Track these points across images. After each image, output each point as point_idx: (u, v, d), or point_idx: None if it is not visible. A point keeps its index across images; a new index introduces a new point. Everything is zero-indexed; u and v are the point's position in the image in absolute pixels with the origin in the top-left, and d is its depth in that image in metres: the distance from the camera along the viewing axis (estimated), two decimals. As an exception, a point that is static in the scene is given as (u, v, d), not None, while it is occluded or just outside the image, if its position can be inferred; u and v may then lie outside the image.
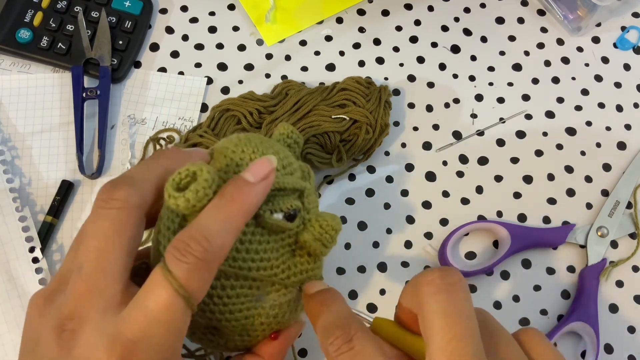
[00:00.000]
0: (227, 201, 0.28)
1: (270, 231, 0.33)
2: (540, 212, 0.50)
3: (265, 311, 0.33)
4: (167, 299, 0.26)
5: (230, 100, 0.49)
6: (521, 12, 0.57)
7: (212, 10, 0.55)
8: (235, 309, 0.32)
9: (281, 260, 0.33)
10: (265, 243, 0.33)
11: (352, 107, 0.48)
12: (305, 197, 0.34)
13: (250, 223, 0.32)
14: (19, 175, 0.48)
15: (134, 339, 0.26)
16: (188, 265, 0.26)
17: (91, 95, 0.50)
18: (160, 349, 0.26)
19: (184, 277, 0.26)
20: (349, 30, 0.55)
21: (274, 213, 0.32)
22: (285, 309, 0.33)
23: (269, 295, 0.33)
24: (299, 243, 0.34)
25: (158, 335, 0.26)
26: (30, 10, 0.51)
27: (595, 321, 0.45)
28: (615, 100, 0.54)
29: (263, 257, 0.32)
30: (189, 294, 0.26)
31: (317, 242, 0.34)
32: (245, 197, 0.29)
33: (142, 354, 0.26)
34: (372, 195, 0.50)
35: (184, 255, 0.26)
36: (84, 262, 0.28)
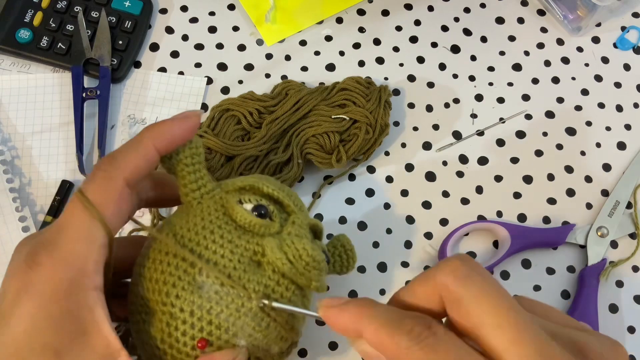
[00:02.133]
0: (142, 130, 0.30)
1: (237, 226, 0.31)
2: (540, 212, 0.50)
3: (200, 300, 0.29)
4: (75, 213, 0.28)
5: (230, 100, 0.49)
6: (521, 12, 0.57)
7: (212, 10, 0.55)
8: (169, 280, 0.29)
9: (237, 258, 0.30)
10: (227, 232, 0.30)
11: (352, 107, 0.48)
12: (291, 221, 0.32)
13: (218, 209, 0.31)
14: (19, 175, 0.48)
15: (43, 241, 0.27)
16: (94, 178, 0.28)
17: (91, 95, 0.50)
18: (65, 256, 0.27)
19: (91, 191, 0.28)
20: (349, 30, 0.55)
21: (243, 203, 0.31)
22: (224, 310, 0.29)
23: (212, 286, 0.29)
24: (265, 256, 0.31)
25: (64, 242, 0.27)
26: (30, 10, 0.51)
27: (595, 321, 0.45)
28: (615, 100, 0.54)
29: (216, 239, 0.30)
30: (95, 204, 0.28)
31: (281, 253, 0.30)
32: (157, 126, 0.30)
33: (46, 257, 0.27)
34: (372, 195, 0.50)
35: (94, 171, 0.29)
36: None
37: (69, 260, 0.27)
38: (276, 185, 0.34)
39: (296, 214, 0.33)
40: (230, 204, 0.31)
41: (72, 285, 0.27)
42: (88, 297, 0.27)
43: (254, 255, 0.31)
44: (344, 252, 0.37)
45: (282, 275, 0.31)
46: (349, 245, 0.37)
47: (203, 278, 0.29)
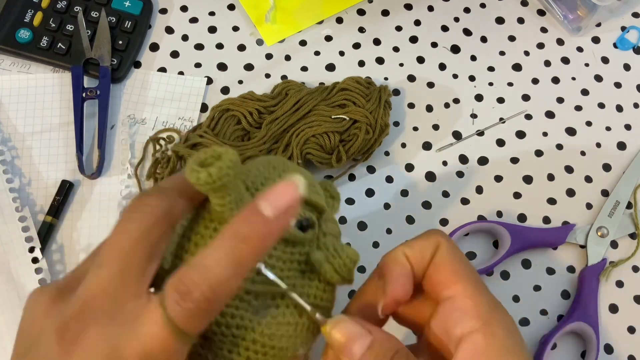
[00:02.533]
0: (238, 242, 0.25)
1: (280, 240, 0.30)
2: (540, 212, 0.50)
3: (260, 327, 0.29)
4: (163, 339, 0.24)
5: (230, 100, 0.49)
6: (521, 12, 0.57)
7: (212, 10, 0.55)
8: (227, 311, 0.28)
9: (286, 274, 0.30)
10: (272, 250, 0.30)
11: (352, 107, 0.48)
12: (324, 220, 0.32)
13: None
14: (19, 175, 0.48)
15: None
16: (187, 312, 0.24)
17: (91, 95, 0.50)
18: None
19: (182, 321, 0.24)
20: (349, 30, 0.55)
21: None
22: (284, 332, 0.29)
23: (268, 310, 0.29)
24: (310, 264, 0.31)
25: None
26: (30, 10, 0.51)
27: (595, 321, 0.45)
28: (615, 100, 0.54)
29: (267, 262, 0.29)
30: (186, 334, 0.25)
31: (329, 266, 0.31)
32: (258, 238, 0.25)
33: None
34: (372, 195, 0.50)
35: (184, 300, 0.24)
36: (104, 261, 0.26)
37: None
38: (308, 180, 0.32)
39: (326, 210, 0.33)
40: None
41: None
42: None
43: (299, 265, 0.31)
44: (329, 196, 0.36)
45: (327, 283, 0.32)
46: (333, 189, 0.36)
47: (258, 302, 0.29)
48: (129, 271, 0.26)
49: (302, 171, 0.34)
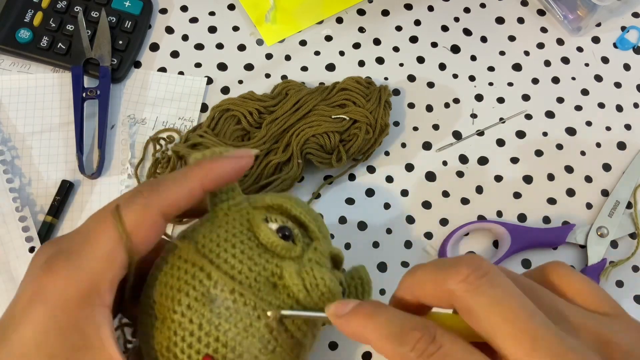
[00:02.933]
0: (193, 164, 0.30)
1: (259, 244, 0.30)
2: (540, 212, 0.50)
3: (210, 315, 0.28)
4: (104, 229, 0.27)
5: (230, 100, 0.49)
6: (521, 12, 0.57)
7: (212, 10, 0.55)
8: (183, 288, 0.29)
9: (254, 276, 0.29)
10: (248, 249, 0.30)
11: (352, 107, 0.48)
12: (314, 247, 0.32)
13: (243, 223, 0.31)
14: (19, 175, 0.48)
15: (65, 249, 0.27)
16: (133, 202, 0.28)
17: (91, 95, 0.50)
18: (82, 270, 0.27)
19: (127, 214, 0.28)
20: (349, 30, 0.55)
21: (269, 222, 0.31)
22: (232, 328, 0.28)
23: (224, 301, 0.29)
24: (282, 280, 0.30)
25: (84, 255, 0.27)
26: (30, 10, 0.51)
27: (595, 321, 0.45)
28: (615, 100, 0.54)
29: (236, 254, 0.29)
30: (126, 229, 0.27)
31: (298, 279, 0.29)
32: (209, 164, 0.30)
33: (63, 266, 0.27)
34: (372, 195, 0.50)
35: (135, 193, 0.28)
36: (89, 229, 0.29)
37: (85, 275, 0.27)
38: (304, 209, 0.33)
39: (319, 240, 0.32)
40: (256, 220, 0.31)
41: (83, 299, 0.26)
42: (97, 314, 0.27)
43: (272, 276, 0.30)
44: (360, 284, 0.36)
45: (296, 301, 0.30)
46: (367, 278, 0.36)
47: (217, 292, 0.29)
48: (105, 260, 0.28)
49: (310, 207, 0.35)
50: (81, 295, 0.26)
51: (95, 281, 0.27)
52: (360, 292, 0.35)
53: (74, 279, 0.26)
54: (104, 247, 0.27)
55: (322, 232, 0.34)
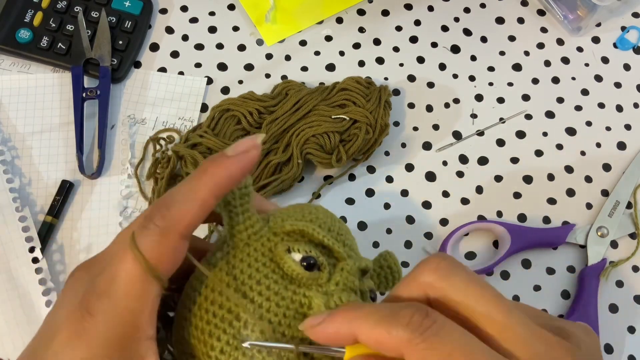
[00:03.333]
0: (197, 172, 0.27)
1: (283, 275, 0.29)
2: (540, 212, 0.50)
3: (244, 358, 0.28)
4: (128, 267, 0.26)
5: (230, 100, 0.49)
6: (521, 12, 0.57)
7: (212, 10, 0.55)
8: (214, 333, 0.28)
9: (282, 311, 0.29)
10: (274, 283, 0.29)
11: (352, 107, 0.48)
12: (341, 269, 0.30)
13: (266, 254, 0.30)
14: (19, 175, 0.48)
15: (97, 290, 0.26)
16: (148, 232, 0.26)
17: (91, 95, 0.50)
18: (119, 312, 0.26)
19: (141, 237, 0.26)
20: (349, 30, 0.55)
21: (291, 252, 0.29)
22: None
23: (253, 338, 0.28)
24: (312, 309, 0.29)
25: (117, 297, 0.26)
26: (30, 10, 0.51)
27: (595, 321, 0.45)
28: (615, 100, 0.54)
29: (262, 291, 0.29)
30: (150, 262, 0.26)
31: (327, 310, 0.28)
32: (215, 169, 0.27)
33: (99, 309, 0.26)
34: (372, 195, 0.50)
35: (146, 222, 0.26)
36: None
37: (122, 316, 0.26)
38: (327, 226, 0.32)
39: (346, 260, 0.31)
40: (279, 252, 0.30)
41: (125, 338, 0.26)
42: (140, 348, 0.27)
43: (300, 308, 0.29)
44: (390, 273, 0.35)
45: None
46: (396, 266, 0.35)
47: (248, 332, 0.28)
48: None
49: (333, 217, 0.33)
50: (121, 336, 0.26)
51: (133, 320, 0.26)
52: (390, 280, 0.35)
53: (110, 321, 0.26)
54: (133, 285, 0.26)
55: (347, 247, 0.32)
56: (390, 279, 0.35)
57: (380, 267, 0.35)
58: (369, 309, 0.25)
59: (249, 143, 0.28)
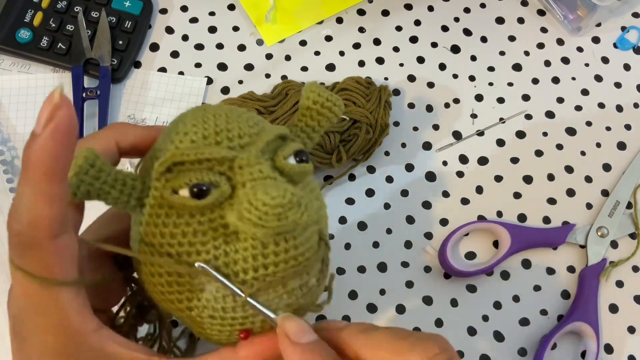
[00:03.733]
0: (24, 166, 0.24)
1: (190, 212, 0.27)
2: (540, 212, 0.50)
3: (210, 304, 0.27)
4: (22, 291, 0.25)
5: (230, 100, 0.49)
6: (521, 12, 0.57)
7: (212, 10, 0.55)
8: (174, 298, 0.28)
9: (212, 245, 0.27)
10: (184, 226, 0.27)
11: (352, 107, 0.48)
12: (238, 167, 0.27)
13: (163, 204, 0.27)
14: (19, 175, 0.48)
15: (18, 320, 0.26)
16: (15, 249, 0.24)
17: (91, 95, 0.50)
18: (42, 328, 0.25)
19: (18, 260, 0.25)
20: (349, 30, 0.55)
21: (177, 191, 0.26)
22: (233, 303, 0.27)
23: (211, 285, 0.27)
24: (232, 227, 0.27)
25: (32, 316, 0.26)
26: (30, 10, 0.51)
27: (595, 321, 0.45)
28: (615, 100, 0.54)
29: (181, 241, 0.27)
30: (36, 275, 0.24)
31: (245, 222, 0.26)
32: (32, 155, 0.23)
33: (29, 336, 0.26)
34: (372, 195, 0.50)
35: (11, 240, 0.24)
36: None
37: (48, 330, 0.25)
38: (200, 133, 0.28)
39: (238, 155, 0.27)
40: (167, 199, 0.27)
41: (68, 344, 0.26)
42: (92, 342, 0.26)
43: (226, 229, 0.27)
44: (321, 106, 0.31)
45: (257, 239, 0.27)
46: (323, 95, 0.31)
47: (200, 280, 0.27)
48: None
49: (203, 114, 0.29)
50: (65, 343, 0.26)
51: (64, 327, 0.26)
52: (327, 112, 0.31)
53: (44, 337, 0.26)
54: (39, 300, 0.25)
55: (237, 137, 0.28)
56: (325, 109, 0.31)
57: (308, 109, 0.31)
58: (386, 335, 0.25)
59: (47, 106, 0.23)
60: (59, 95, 0.23)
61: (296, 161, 0.28)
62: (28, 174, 0.24)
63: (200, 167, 0.27)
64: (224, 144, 0.27)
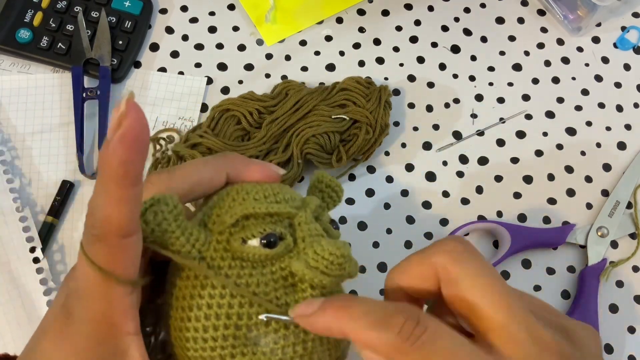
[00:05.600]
0: (99, 168, 0.26)
1: (253, 264, 0.29)
2: (540, 212, 0.50)
3: (266, 357, 0.28)
4: (85, 271, 0.26)
5: (230, 100, 0.49)
6: (521, 12, 0.57)
7: (212, 10, 0.55)
8: (226, 353, 0.27)
9: (273, 295, 0.28)
10: (248, 277, 0.28)
11: (352, 107, 0.48)
12: (297, 224, 0.30)
13: (225, 257, 0.28)
14: (19, 175, 0.48)
15: (73, 290, 0.27)
16: (89, 241, 0.26)
17: (91, 95, 0.50)
18: (91, 312, 0.27)
19: (87, 247, 0.26)
20: (349, 30, 0.55)
21: (247, 240, 0.28)
22: (292, 354, 0.28)
23: (267, 337, 0.28)
24: (297, 276, 0.29)
25: (86, 299, 0.27)
26: (30, 10, 0.51)
27: (595, 321, 0.45)
28: (615, 100, 0.54)
29: (244, 293, 0.28)
30: (102, 268, 0.26)
31: (313, 271, 0.28)
32: (105, 160, 0.25)
33: (77, 308, 0.27)
34: (372, 195, 0.50)
35: (86, 231, 0.26)
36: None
37: (95, 315, 0.27)
38: (261, 196, 0.30)
39: (297, 214, 0.30)
40: (236, 247, 0.28)
41: (103, 335, 0.27)
42: (120, 344, 0.27)
43: (285, 282, 0.29)
44: (332, 190, 0.34)
45: (322, 288, 0.29)
46: (333, 182, 0.34)
47: (254, 333, 0.28)
48: None
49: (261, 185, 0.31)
50: (100, 333, 0.27)
51: (107, 318, 0.27)
52: (335, 196, 0.34)
53: (87, 320, 0.27)
54: (96, 293, 0.26)
55: (291, 201, 0.31)
56: (334, 194, 0.34)
57: (320, 191, 0.34)
58: (362, 308, 0.26)
59: (115, 115, 0.25)
60: (125, 103, 0.24)
61: (334, 227, 0.32)
62: (102, 177, 0.25)
63: (265, 221, 0.29)
64: (283, 204, 0.30)
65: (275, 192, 0.31)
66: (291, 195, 0.31)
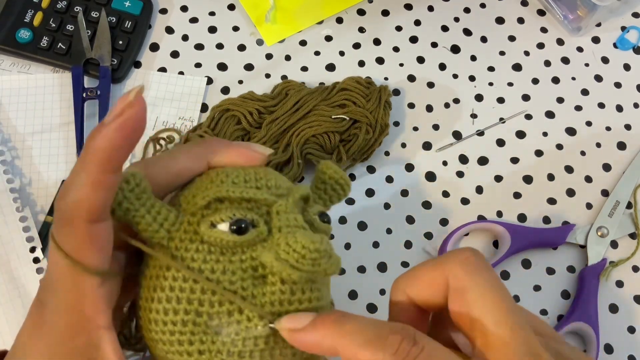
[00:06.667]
0: (84, 150, 0.25)
1: (222, 250, 0.27)
2: (540, 212, 0.50)
3: (226, 347, 0.26)
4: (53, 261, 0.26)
5: (230, 100, 0.49)
6: (521, 12, 0.57)
7: (212, 10, 0.55)
8: (184, 339, 0.26)
9: (240, 285, 0.27)
10: (213, 262, 0.27)
11: (352, 107, 0.48)
12: (275, 213, 0.28)
13: (194, 239, 0.27)
14: (19, 175, 0.48)
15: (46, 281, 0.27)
16: (58, 225, 0.25)
17: (91, 95, 0.50)
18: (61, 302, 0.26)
19: (56, 235, 0.25)
20: (349, 30, 0.55)
21: (216, 225, 0.27)
22: (253, 347, 0.26)
23: (229, 328, 0.26)
24: (267, 268, 0.27)
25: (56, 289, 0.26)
26: (30, 10, 0.51)
27: (595, 321, 0.45)
28: (615, 100, 0.54)
29: (210, 277, 0.26)
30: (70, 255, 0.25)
31: (282, 263, 0.26)
32: (95, 142, 0.24)
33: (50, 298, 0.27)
34: (372, 195, 0.50)
35: (56, 216, 0.25)
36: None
37: (66, 306, 0.26)
38: (241, 180, 0.29)
39: (276, 202, 0.28)
40: (204, 231, 0.27)
41: (75, 327, 0.26)
42: (92, 337, 0.27)
43: (255, 272, 0.27)
44: (335, 182, 0.33)
45: (293, 284, 0.27)
46: (338, 173, 0.33)
47: (216, 322, 0.26)
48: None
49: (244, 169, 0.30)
50: (72, 325, 0.26)
51: (78, 309, 0.26)
52: (339, 189, 0.33)
53: (59, 311, 0.26)
54: (66, 282, 0.26)
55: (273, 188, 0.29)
56: (338, 187, 0.32)
57: (323, 182, 0.32)
58: (356, 326, 0.25)
59: (122, 102, 0.25)
60: (135, 94, 0.24)
61: (322, 221, 0.30)
62: (85, 157, 0.25)
63: (240, 206, 0.28)
64: (263, 190, 0.28)
65: (258, 177, 0.29)
66: (276, 182, 0.29)
